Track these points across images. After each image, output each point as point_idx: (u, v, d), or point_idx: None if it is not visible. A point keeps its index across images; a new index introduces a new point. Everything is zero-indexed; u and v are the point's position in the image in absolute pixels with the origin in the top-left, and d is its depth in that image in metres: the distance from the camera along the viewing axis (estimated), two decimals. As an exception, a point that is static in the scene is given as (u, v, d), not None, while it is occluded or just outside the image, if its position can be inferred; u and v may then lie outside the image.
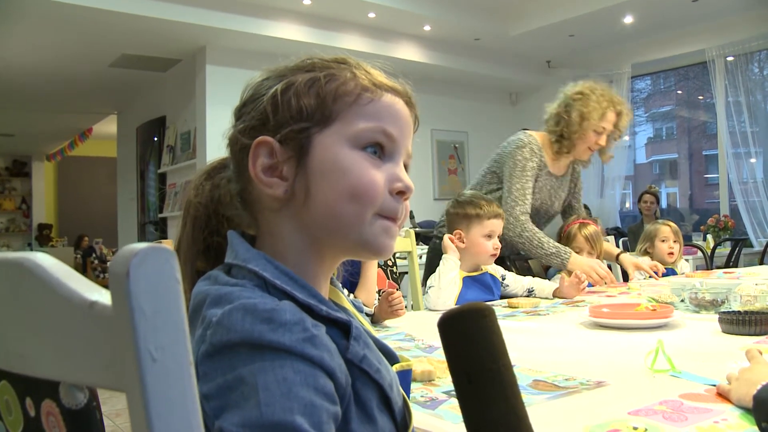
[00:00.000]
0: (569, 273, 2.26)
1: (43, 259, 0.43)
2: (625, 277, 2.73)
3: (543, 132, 2.59)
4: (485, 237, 2.12)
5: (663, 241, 2.89)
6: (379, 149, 0.66)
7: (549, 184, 2.59)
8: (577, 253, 2.46)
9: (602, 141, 2.47)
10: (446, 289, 2.03)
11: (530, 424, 0.52)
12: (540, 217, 2.64)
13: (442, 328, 0.54)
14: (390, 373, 0.65)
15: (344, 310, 0.69)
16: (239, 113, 0.69)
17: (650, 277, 2.57)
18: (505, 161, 2.53)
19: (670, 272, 2.83)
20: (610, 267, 2.66)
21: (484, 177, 2.65)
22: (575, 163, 2.68)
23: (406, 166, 0.69)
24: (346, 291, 0.75)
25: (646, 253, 2.91)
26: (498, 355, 0.53)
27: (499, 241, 2.15)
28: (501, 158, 2.57)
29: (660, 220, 3.03)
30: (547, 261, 2.42)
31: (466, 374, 0.53)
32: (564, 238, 2.56)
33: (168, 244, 0.41)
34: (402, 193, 0.66)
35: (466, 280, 2.12)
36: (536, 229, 2.43)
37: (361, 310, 0.74)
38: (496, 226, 2.13)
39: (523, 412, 0.52)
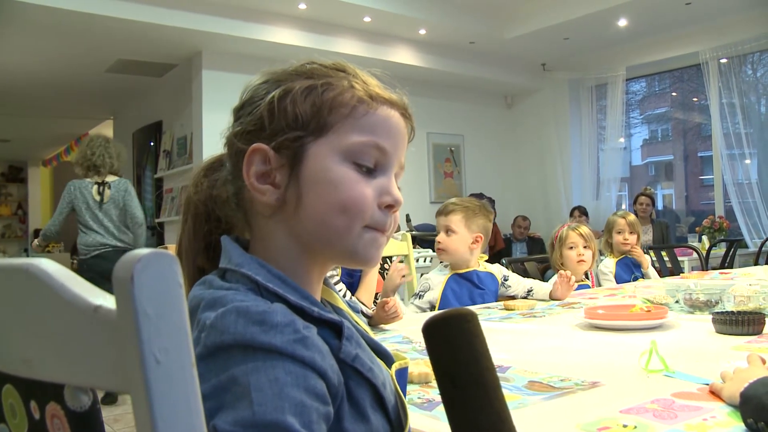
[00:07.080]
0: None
1: (47, 264, 0.43)
2: None
3: None
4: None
5: (619, 232, 2.98)
6: (371, 162, 0.66)
7: None
8: (571, 249, 2.50)
9: None
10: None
11: (514, 426, 0.53)
12: None
13: (426, 334, 0.55)
14: (383, 372, 0.65)
15: (338, 310, 0.70)
16: (237, 115, 0.69)
17: None
18: None
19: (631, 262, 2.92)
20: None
21: None
22: None
23: (397, 177, 0.69)
24: (342, 286, 0.76)
25: (607, 243, 3.04)
26: (481, 358, 0.54)
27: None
28: None
29: (619, 212, 3.14)
30: None
31: (451, 378, 0.54)
32: (557, 241, 2.57)
33: (170, 250, 0.42)
34: (390, 207, 0.67)
35: (453, 277, 2.17)
36: None
37: (356, 310, 0.75)
38: (441, 221, 2.20)
39: (507, 413, 0.53)
